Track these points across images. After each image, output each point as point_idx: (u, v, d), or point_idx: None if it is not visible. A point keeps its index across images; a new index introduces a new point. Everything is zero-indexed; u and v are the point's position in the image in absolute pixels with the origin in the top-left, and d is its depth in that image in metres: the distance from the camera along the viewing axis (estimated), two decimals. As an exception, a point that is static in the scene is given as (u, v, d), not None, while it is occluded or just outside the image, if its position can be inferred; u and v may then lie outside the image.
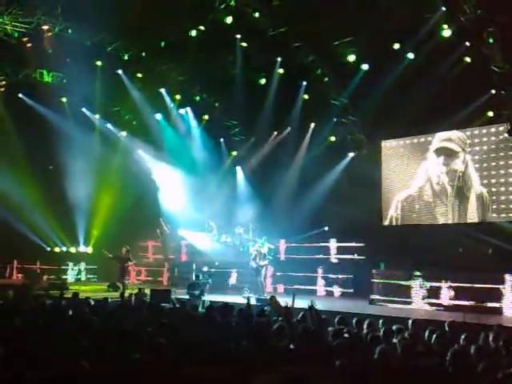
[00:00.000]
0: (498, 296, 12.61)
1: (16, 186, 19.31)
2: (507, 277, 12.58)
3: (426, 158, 17.07)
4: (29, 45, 17.38)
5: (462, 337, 6.39)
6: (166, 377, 4.39)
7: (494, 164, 15.56)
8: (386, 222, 17.80)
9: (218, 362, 4.90)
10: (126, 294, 13.67)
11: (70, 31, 17.21)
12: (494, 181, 15.52)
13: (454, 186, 16.24)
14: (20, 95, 19.69)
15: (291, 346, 5.98)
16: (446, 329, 7.28)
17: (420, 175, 17.13)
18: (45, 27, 16.95)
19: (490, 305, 12.59)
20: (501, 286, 12.61)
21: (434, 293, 13.55)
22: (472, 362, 5.23)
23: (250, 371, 4.76)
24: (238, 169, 20.90)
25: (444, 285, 13.41)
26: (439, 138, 16.77)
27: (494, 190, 15.49)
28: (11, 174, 19.08)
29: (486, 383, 4.56)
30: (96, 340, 5.81)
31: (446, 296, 13.31)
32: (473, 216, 15.84)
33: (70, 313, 8.43)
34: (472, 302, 12.65)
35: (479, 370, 4.87)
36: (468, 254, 14.36)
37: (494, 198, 15.48)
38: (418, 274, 13.87)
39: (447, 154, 16.48)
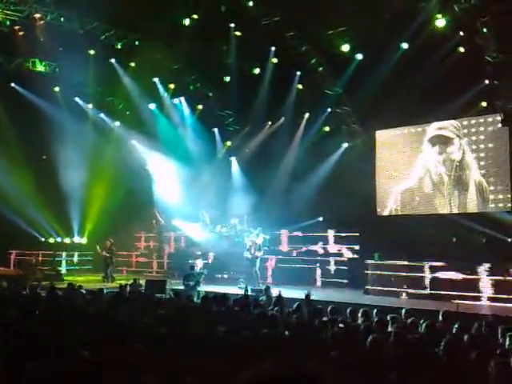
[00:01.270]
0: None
1: (9, 176, 19.17)
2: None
3: (421, 149, 17.09)
4: (21, 33, 17.21)
5: (456, 326, 6.45)
6: (165, 368, 4.41)
7: (488, 154, 15.62)
8: (386, 214, 17.80)
9: (215, 352, 4.94)
10: (115, 284, 13.72)
11: (62, 19, 17.05)
12: (489, 171, 15.58)
13: (451, 175, 16.27)
14: (12, 85, 19.50)
15: (286, 333, 6.04)
16: (440, 318, 7.36)
17: (417, 166, 17.14)
18: (37, 15, 16.78)
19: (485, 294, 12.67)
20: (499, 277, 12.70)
21: (427, 282, 13.62)
22: (465, 351, 5.30)
23: (247, 361, 4.80)
24: (233, 159, 20.87)
25: (437, 274, 13.49)
26: (433, 128, 16.80)
27: (489, 180, 15.55)
28: (4, 164, 18.94)
29: (479, 372, 4.61)
30: (92, 330, 5.83)
31: (440, 285, 13.38)
32: (472, 206, 15.86)
33: (66, 303, 8.45)
34: (464, 292, 12.73)
35: (472, 358, 4.94)
36: (462, 244, 14.46)
37: (490, 188, 15.53)
38: (405, 263, 13.96)
39: (442, 141, 16.51)
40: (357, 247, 17.05)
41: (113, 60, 19.03)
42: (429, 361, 4.97)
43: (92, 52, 18.32)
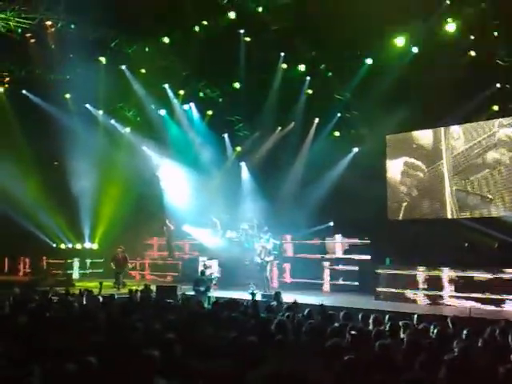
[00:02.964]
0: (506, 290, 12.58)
1: (21, 183, 19.37)
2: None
3: (432, 153, 17.00)
4: (32, 41, 17.39)
5: (465, 332, 6.39)
6: (176, 373, 4.42)
7: (501, 158, 15.48)
8: (397, 218, 17.70)
9: (225, 357, 4.93)
10: (126, 290, 13.79)
11: (73, 27, 17.19)
12: (502, 175, 15.44)
13: (463, 180, 16.15)
14: (24, 92, 19.69)
15: (296, 341, 6.01)
16: (450, 324, 7.30)
17: (428, 170, 17.04)
18: (48, 23, 16.93)
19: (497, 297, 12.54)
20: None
21: (440, 287, 13.54)
22: (477, 356, 5.24)
23: (255, 366, 4.79)
24: (243, 164, 20.89)
25: (451, 279, 13.41)
26: (444, 132, 16.70)
27: (503, 184, 15.40)
28: (16, 170, 19.13)
29: (491, 378, 4.56)
30: (103, 336, 5.84)
31: (454, 290, 13.29)
32: (485, 210, 15.69)
33: (77, 309, 8.49)
34: (480, 295, 12.63)
35: (484, 364, 4.89)
36: (474, 248, 14.35)
37: (504, 192, 15.38)
38: (422, 268, 13.90)
39: (454, 146, 16.42)
40: (368, 253, 16.98)
41: (123, 66, 19.14)
42: (440, 366, 4.92)
43: (102, 59, 18.46)
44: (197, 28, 17.02)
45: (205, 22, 16.97)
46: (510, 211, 15.18)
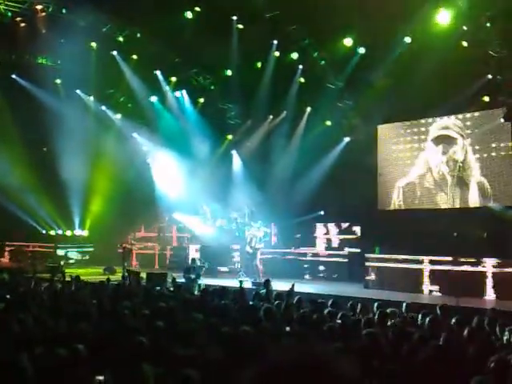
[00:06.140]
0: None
1: (10, 168, 19.20)
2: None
3: (423, 145, 17.05)
4: (22, 25, 17.17)
5: (453, 320, 6.45)
6: (164, 360, 4.43)
7: (490, 150, 15.55)
8: (387, 208, 17.78)
9: (214, 345, 4.96)
10: (116, 276, 13.77)
11: (64, 11, 16.99)
12: (491, 168, 15.51)
13: (454, 175, 16.20)
14: (13, 76, 19.47)
15: (287, 329, 6.06)
16: (438, 312, 7.37)
17: (419, 162, 17.10)
18: (38, 7, 16.73)
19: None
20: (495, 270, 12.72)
21: (429, 277, 13.63)
22: (464, 345, 5.31)
23: (246, 354, 4.82)
24: (234, 153, 20.85)
25: (439, 268, 13.51)
26: (437, 127, 16.74)
27: (491, 176, 15.49)
28: (5, 155, 18.95)
29: (477, 367, 4.62)
30: (94, 323, 5.85)
31: (441, 279, 13.40)
32: (474, 203, 15.80)
33: (66, 295, 8.48)
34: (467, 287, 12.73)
35: (471, 353, 4.95)
36: (463, 239, 14.44)
37: (492, 185, 15.47)
38: (418, 258, 13.96)
39: (445, 141, 16.46)
40: (358, 241, 17.08)
41: (114, 52, 18.96)
42: (427, 354, 4.97)
43: (93, 44, 18.28)
44: (189, 14, 16.88)
45: (197, 8, 16.83)
46: (497, 201, 15.30)
